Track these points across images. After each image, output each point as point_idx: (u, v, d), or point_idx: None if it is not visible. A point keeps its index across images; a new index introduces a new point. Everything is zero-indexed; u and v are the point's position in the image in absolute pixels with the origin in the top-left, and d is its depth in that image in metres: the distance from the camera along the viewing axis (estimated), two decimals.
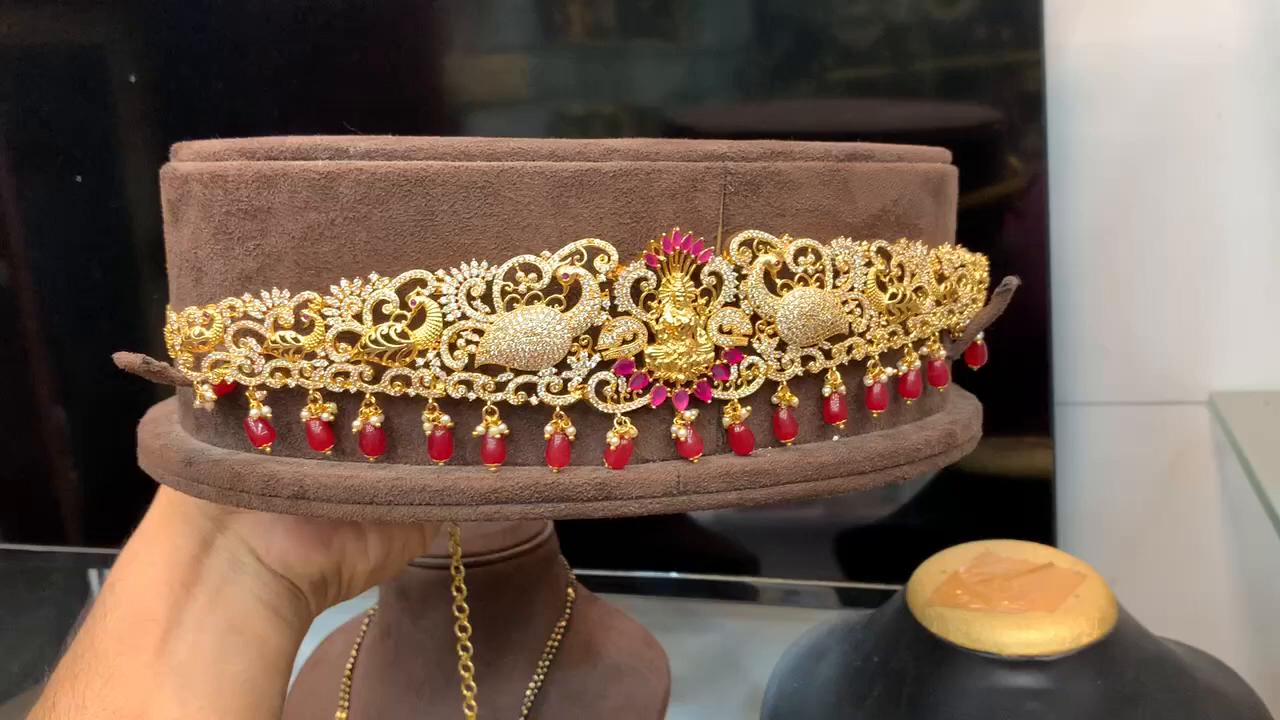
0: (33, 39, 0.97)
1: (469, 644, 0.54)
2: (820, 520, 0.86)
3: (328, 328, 0.34)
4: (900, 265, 0.38)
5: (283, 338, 0.34)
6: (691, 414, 0.35)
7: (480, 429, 0.34)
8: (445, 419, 0.34)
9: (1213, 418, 0.81)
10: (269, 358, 0.34)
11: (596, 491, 0.34)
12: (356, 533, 0.46)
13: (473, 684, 0.55)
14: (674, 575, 0.89)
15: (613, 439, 0.34)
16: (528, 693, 0.62)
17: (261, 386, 0.35)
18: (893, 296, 0.37)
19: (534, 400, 0.34)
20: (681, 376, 0.34)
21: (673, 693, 0.67)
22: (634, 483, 0.34)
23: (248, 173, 0.35)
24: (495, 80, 0.86)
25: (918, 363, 0.39)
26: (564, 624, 0.65)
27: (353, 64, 0.88)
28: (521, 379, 0.33)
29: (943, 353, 0.41)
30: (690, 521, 0.89)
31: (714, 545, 0.89)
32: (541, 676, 0.62)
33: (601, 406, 0.34)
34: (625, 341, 0.33)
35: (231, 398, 0.36)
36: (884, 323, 0.38)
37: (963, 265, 0.42)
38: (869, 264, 0.37)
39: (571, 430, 0.34)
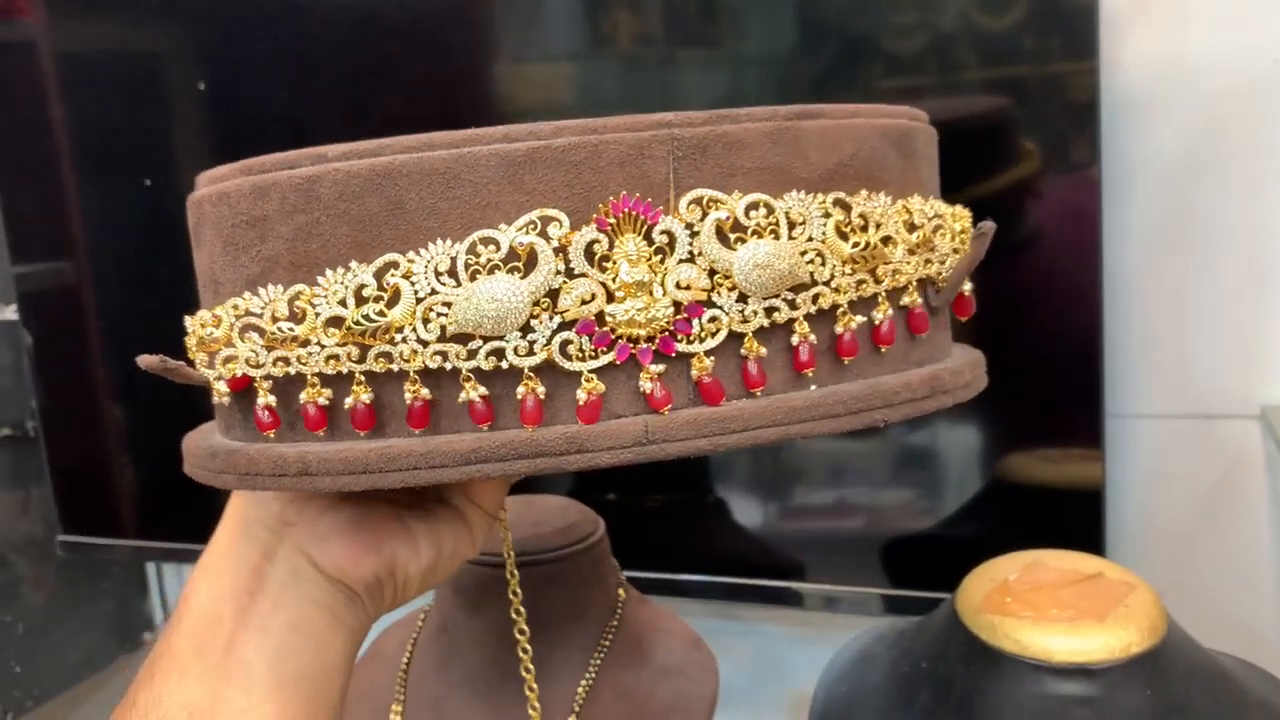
0: (106, 45, 1.00)
1: (528, 646, 0.56)
2: (866, 529, 0.87)
3: (317, 315, 0.37)
4: (862, 215, 0.39)
5: (280, 329, 0.37)
6: (658, 368, 0.36)
7: (463, 395, 0.36)
8: (425, 391, 0.37)
9: (1264, 431, 0.81)
10: (270, 348, 0.38)
11: (568, 445, 0.35)
12: (406, 535, 0.48)
13: (534, 685, 0.56)
14: (721, 579, 0.90)
15: (581, 395, 0.36)
16: (579, 690, 0.63)
17: (267, 377, 0.38)
18: (855, 245, 0.38)
19: (504, 364, 0.36)
20: (642, 332, 0.36)
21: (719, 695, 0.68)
22: (604, 435, 0.36)
23: (245, 187, 0.38)
24: (544, 89, 0.88)
25: (892, 311, 0.40)
26: (615, 623, 0.66)
27: (409, 73, 0.90)
28: (490, 345, 0.36)
29: (921, 301, 0.42)
30: (737, 526, 0.90)
31: (760, 550, 0.90)
32: (593, 674, 0.63)
33: (567, 365, 0.36)
34: (584, 302, 0.35)
35: (247, 392, 0.40)
36: (849, 271, 0.38)
37: (938, 216, 0.42)
38: (826, 215, 0.38)
39: (542, 390, 0.36)
